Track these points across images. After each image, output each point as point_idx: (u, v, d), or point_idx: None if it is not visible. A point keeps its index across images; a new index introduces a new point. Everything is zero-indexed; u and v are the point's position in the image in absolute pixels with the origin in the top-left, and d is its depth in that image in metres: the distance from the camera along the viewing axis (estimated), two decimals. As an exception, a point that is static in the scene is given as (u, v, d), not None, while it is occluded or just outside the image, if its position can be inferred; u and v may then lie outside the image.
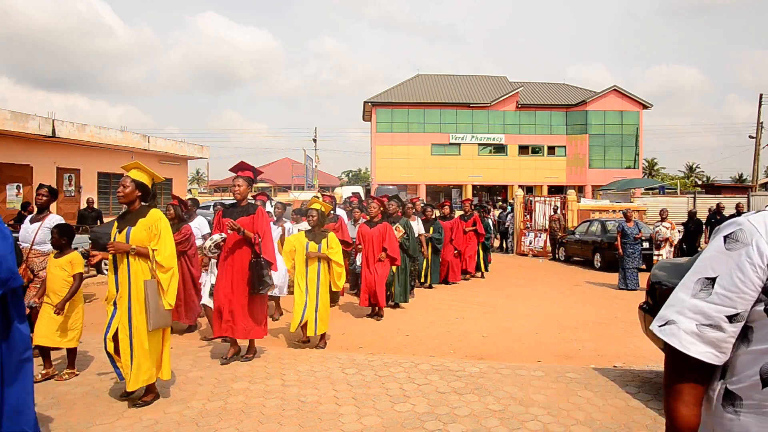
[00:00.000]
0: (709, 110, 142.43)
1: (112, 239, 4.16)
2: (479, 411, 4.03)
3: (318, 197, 8.29)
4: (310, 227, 6.27)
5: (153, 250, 4.06)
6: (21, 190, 15.10)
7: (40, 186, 5.70)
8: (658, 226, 11.60)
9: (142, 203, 4.28)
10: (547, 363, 5.57)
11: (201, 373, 4.94)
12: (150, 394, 4.20)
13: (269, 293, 6.92)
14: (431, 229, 10.36)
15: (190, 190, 32.48)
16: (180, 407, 4.10)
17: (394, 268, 8.02)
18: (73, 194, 17.42)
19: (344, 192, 24.45)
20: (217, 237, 5.36)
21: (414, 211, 11.22)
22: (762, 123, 30.83)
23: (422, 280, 10.32)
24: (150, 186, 4.34)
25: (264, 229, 5.27)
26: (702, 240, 13.52)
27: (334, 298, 6.31)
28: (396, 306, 8.39)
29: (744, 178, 54.43)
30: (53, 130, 15.65)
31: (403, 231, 8.34)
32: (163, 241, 4.10)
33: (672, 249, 11.43)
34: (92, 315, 6.96)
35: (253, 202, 5.94)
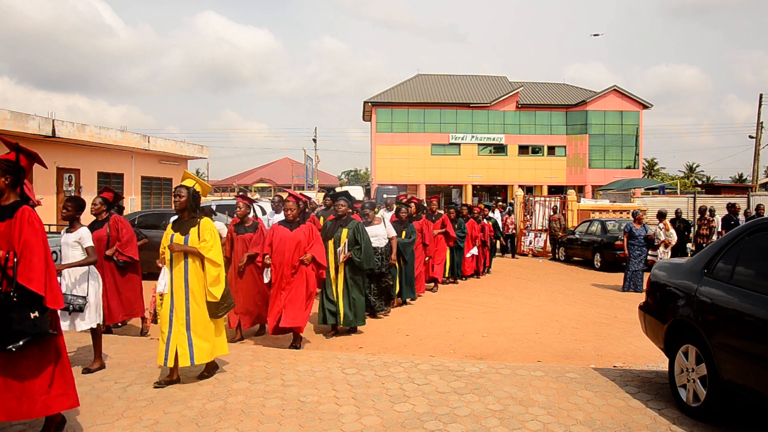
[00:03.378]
0: (709, 110, 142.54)
1: None
2: (479, 411, 4.03)
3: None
4: (176, 212, 4.78)
5: None
6: (21, 190, 15.07)
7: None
8: (656, 227, 11.46)
9: None
10: (547, 363, 5.57)
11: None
12: None
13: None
14: (404, 232, 8.57)
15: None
16: (180, 407, 4.10)
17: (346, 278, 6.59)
18: (73, 194, 17.42)
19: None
20: None
21: (383, 209, 9.98)
22: (762, 123, 30.83)
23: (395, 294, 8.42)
24: None
25: (27, 240, 3.20)
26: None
27: (210, 312, 4.64)
28: (352, 330, 6.82)
29: (744, 178, 54.44)
30: (53, 130, 15.66)
31: (349, 239, 6.58)
32: None
33: (667, 250, 11.22)
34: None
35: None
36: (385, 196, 22.51)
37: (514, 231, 18.33)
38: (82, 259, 4.90)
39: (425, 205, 10.76)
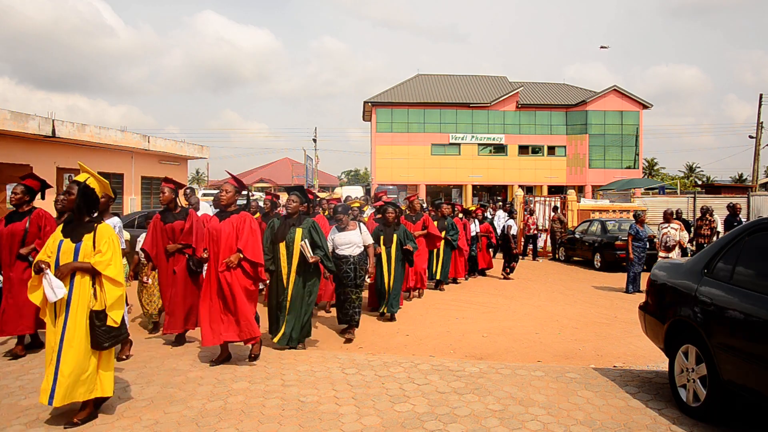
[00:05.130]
0: (709, 110, 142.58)
1: None
2: (479, 411, 4.03)
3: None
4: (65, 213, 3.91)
5: None
6: (21, 190, 15.09)
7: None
8: (665, 228, 10.67)
9: None
10: (547, 363, 5.57)
11: (201, 373, 4.94)
12: None
13: None
14: (394, 236, 7.60)
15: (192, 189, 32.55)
16: (180, 407, 4.10)
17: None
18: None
19: (344, 192, 24.42)
20: None
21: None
22: (762, 123, 30.82)
23: (382, 310, 7.66)
24: None
25: None
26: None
27: (94, 341, 3.67)
28: (285, 347, 5.78)
29: (744, 178, 54.44)
30: (53, 130, 15.66)
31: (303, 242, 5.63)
32: None
33: (680, 251, 10.63)
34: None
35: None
36: (386, 196, 22.46)
37: (536, 231, 17.20)
38: None
39: (406, 205, 10.10)
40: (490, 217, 15.08)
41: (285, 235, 5.74)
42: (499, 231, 16.86)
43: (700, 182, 51.53)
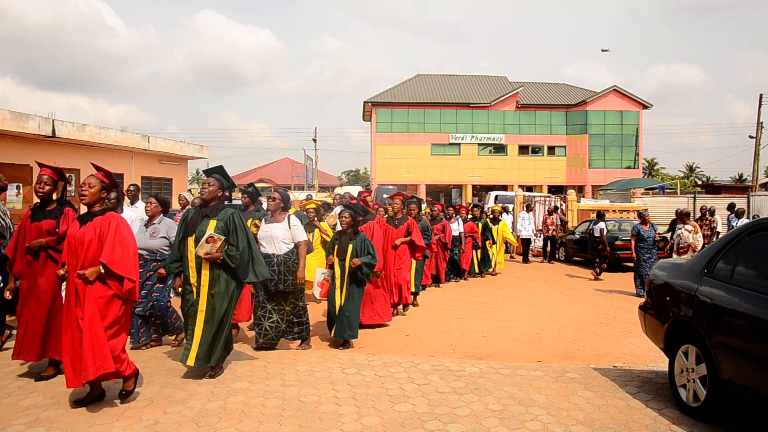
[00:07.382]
0: (709, 110, 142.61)
1: None
2: (479, 411, 4.03)
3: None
4: None
5: None
6: (21, 190, 15.11)
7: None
8: (680, 229, 9.87)
9: None
10: (547, 363, 5.58)
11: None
12: None
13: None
14: (350, 246, 6.15)
15: (190, 190, 32.52)
16: (180, 407, 4.10)
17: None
18: (73, 194, 17.41)
19: (344, 192, 24.40)
20: None
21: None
22: (762, 123, 30.82)
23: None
24: None
25: None
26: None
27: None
28: (212, 370, 4.76)
29: (744, 178, 54.46)
30: (53, 130, 15.66)
31: (222, 238, 4.53)
32: None
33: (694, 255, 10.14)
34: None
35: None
36: (385, 196, 22.38)
37: (554, 233, 16.36)
38: None
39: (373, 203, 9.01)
40: (503, 217, 14.31)
41: (195, 228, 4.62)
42: (523, 232, 16.33)
43: (700, 182, 51.54)
